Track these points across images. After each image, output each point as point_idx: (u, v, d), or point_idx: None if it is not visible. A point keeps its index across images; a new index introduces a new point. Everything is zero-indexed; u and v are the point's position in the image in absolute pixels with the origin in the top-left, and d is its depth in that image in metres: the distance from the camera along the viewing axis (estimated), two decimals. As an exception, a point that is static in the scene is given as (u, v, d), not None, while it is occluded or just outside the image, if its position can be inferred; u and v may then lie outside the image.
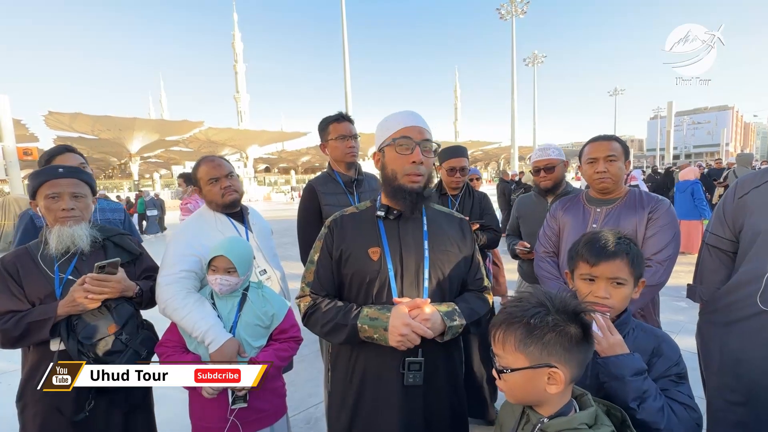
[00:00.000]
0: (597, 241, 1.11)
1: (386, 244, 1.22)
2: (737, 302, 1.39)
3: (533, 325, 0.82)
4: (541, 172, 2.30)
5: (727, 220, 1.49)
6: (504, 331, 0.85)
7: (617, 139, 1.76)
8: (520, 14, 31.51)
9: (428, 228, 1.25)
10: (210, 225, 1.75)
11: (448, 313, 1.15)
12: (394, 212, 1.23)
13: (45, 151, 2.08)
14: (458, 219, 1.35)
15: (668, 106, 30.30)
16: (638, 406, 0.93)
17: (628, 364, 0.96)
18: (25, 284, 1.44)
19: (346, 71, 22.22)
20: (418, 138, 1.17)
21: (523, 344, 0.82)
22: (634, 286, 1.11)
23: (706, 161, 28.15)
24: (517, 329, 0.83)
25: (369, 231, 1.25)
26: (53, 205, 1.47)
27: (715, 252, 1.53)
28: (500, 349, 0.86)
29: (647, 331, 1.10)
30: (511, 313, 0.85)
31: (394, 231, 1.23)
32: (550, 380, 0.82)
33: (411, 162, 1.16)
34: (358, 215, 1.30)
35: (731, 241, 1.48)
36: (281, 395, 1.68)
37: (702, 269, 1.58)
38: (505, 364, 0.85)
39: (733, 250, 1.48)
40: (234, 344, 1.49)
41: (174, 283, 1.56)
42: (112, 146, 38.17)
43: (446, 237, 1.27)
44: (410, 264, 1.20)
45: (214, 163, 1.79)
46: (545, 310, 0.83)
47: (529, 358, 0.82)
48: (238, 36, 61.85)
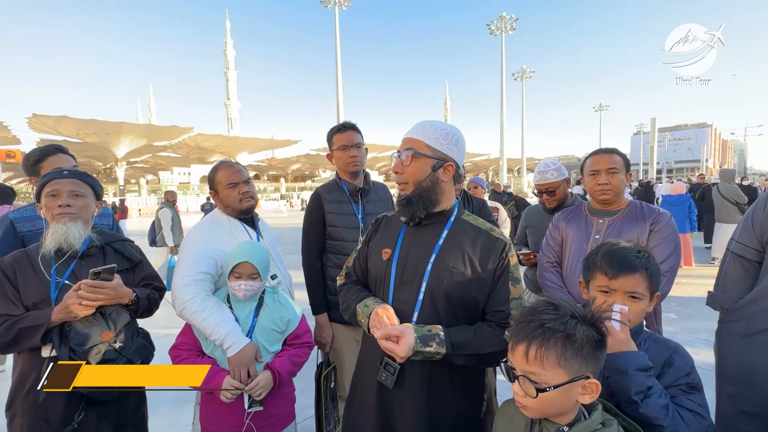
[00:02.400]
0: (617, 253, 1.10)
1: (398, 248, 1.23)
2: (759, 313, 1.38)
3: (573, 338, 0.78)
4: (543, 195, 2.34)
5: (755, 229, 1.48)
6: (543, 347, 0.79)
7: (618, 153, 1.79)
8: (509, 30, 32.42)
9: (444, 240, 1.19)
10: (225, 229, 1.75)
11: (426, 336, 1.07)
12: (416, 219, 1.22)
13: (34, 150, 1.97)
14: (493, 239, 1.18)
15: (651, 122, 31.29)
16: (641, 400, 0.92)
17: (632, 359, 0.96)
18: (21, 288, 1.39)
19: (338, 82, 22.40)
20: (401, 148, 1.22)
21: (564, 358, 0.78)
22: (650, 300, 1.10)
23: (687, 176, 28.97)
24: (557, 343, 0.79)
25: (392, 233, 1.29)
26: (51, 202, 1.44)
27: (740, 261, 1.51)
28: (538, 367, 0.80)
29: (660, 342, 1.10)
30: (548, 327, 0.80)
31: (411, 237, 1.24)
32: (584, 390, 0.81)
33: (394, 172, 1.23)
34: (393, 218, 1.34)
35: (757, 251, 1.48)
36: (292, 401, 1.69)
37: (725, 277, 1.56)
38: (545, 381, 0.79)
39: (759, 260, 1.48)
40: (252, 349, 1.51)
41: (192, 285, 1.56)
42: (98, 150, 37.57)
43: (460, 253, 1.17)
44: (412, 272, 1.18)
45: (234, 169, 1.80)
46: (577, 320, 0.81)
47: (569, 372, 0.79)
48: (230, 43, 62.02)
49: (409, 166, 1.18)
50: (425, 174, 1.18)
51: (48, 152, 1.93)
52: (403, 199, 1.20)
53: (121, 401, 1.48)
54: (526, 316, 0.85)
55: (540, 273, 1.96)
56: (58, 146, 2.00)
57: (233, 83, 63.02)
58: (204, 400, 1.57)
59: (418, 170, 1.19)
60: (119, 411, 1.49)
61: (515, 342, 0.84)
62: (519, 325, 0.85)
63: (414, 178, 1.19)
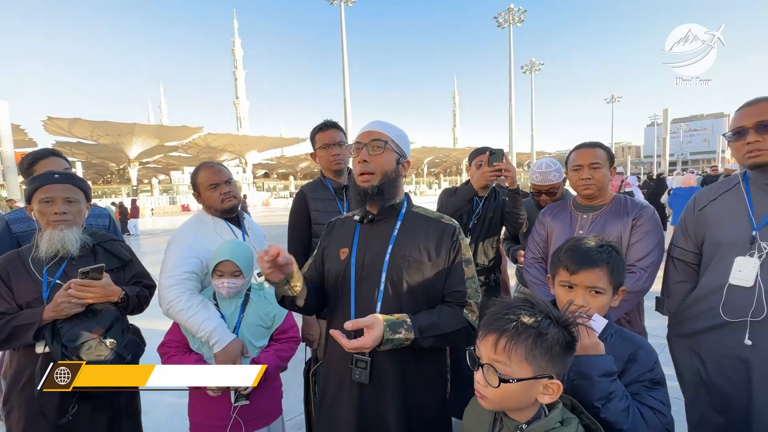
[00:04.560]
0: (578, 248, 1.11)
1: (355, 246, 1.26)
2: (702, 314, 1.42)
3: (544, 337, 0.80)
4: (542, 195, 2.31)
5: (689, 232, 1.53)
6: (513, 341, 0.80)
7: (602, 146, 1.78)
8: (517, 23, 31.91)
9: (398, 232, 1.25)
10: (209, 228, 1.79)
11: (394, 323, 1.10)
12: (369, 216, 1.26)
13: (27, 154, 2.02)
14: (443, 225, 1.26)
15: (663, 114, 30.60)
16: (603, 405, 0.94)
17: (598, 365, 0.96)
18: (14, 287, 1.46)
19: (345, 79, 22.39)
20: (366, 140, 1.23)
21: (532, 355, 0.79)
22: (613, 294, 1.11)
23: (702, 168, 28.26)
24: (527, 339, 0.80)
25: (347, 233, 1.31)
26: (46, 209, 1.49)
27: (680, 264, 1.56)
28: (505, 357, 0.81)
29: (626, 337, 1.10)
30: (523, 322, 0.81)
31: (366, 234, 1.27)
32: (545, 389, 0.82)
33: (359, 162, 1.22)
34: (347, 219, 1.36)
35: (695, 254, 1.52)
36: (278, 396, 1.73)
37: (668, 282, 1.61)
38: (509, 373, 0.81)
39: (697, 262, 1.52)
40: (238, 344, 1.55)
41: (177, 284, 1.60)
42: (111, 151, 38.30)
43: (414, 243, 1.22)
44: (370, 267, 1.22)
45: (214, 170, 1.83)
46: (550, 320, 0.82)
47: (534, 369, 0.80)
48: (238, 42, 62.36)
49: (378, 157, 1.21)
50: (392, 166, 1.23)
51: (40, 155, 1.98)
52: (374, 188, 1.21)
53: (115, 394, 1.54)
54: (502, 309, 0.86)
55: (525, 268, 1.97)
56: (50, 149, 2.06)
57: (242, 82, 63.47)
58: (192, 396, 1.62)
59: (386, 161, 1.23)
60: (113, 404, 1.55)
61: (486, 331, 0.85)
62: (493, 317, 0.86)
63: (382, 168, 1.22)
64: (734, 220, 1.38)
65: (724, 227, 1.40)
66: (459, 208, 2.02)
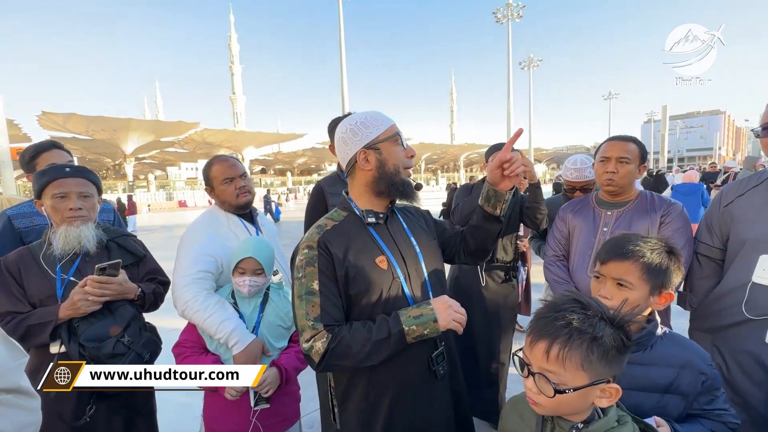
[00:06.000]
0: (616, 239, 1.09)
1: (387, 250, 1.16)
2: (724, 310, 1.42)
3: (600, 341, 0.74)
4: (576, 192, 2.28)
5: (714, 228, 1.51)
6: (567, 348, 0.74)
7: (636, 141, 1.72)
8: (516, 18, 31.74)
9: (407, 225, 1.27)
10: (223, 225, 1.72)
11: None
12: (380, 216, 1.19)
13: (29, 146, 1.95)
14: (416, 208, 1.36)
15: (663, 110, 30.62)
16: None
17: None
18: (26, 285, 1.40)
19: (343, 73, 22.23)
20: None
21: (588, 361, 0.74)
22: (651, 294, 1.03)
23: (699, 165, 28.38)
24: (582, 345, 0.74)
25: (366, 241, 1.15)
26: (60, 204, 1.43)
27: (704, 260, 1.55)
28: (558, 367, 0.75)
29: (677, 342, 1.06)
30: (576, 327, 0.75)
31: (386, 235, 1.20)
32: (602, 393, 0.78)
33: (409, 156, 1.21)
34: (342, 228, 1.16)
35: (720, 249, 1.51)
36: (297, 399, 1.68)
37: (692, 277, 1.59)
38: (564, 382, 0.75)
39: (722, 257, 1.51)
40: (258, 344, 1.50)
41: (193, 284, 1.53)
42: (107, 147, 37.89)
43: (422, 229, 1.30)
44: (411, 263, 1.18)
45: (229, 163, 1.74)
46: (604, 321, 0.77)
47: (591, 376, 0.75)
48: (234, 37, 61.78)
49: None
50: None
51: (43, 148, 1.91)
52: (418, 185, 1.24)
53: (131, 394, 1.50)
54: (550, 311, 0.79)
55: (546, 266, 1.93)
56: (53, 142, 1.98)
57: (238, 77, 62.94)
58: (208, 399, 1.55)
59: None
60: (129, 404, 1.51)
61: (535, 337, 0.79)
62: (541, 321, 0.79)
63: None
64: (761, 217, 1.36)
65: (750, 224, 1.38)
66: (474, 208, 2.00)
